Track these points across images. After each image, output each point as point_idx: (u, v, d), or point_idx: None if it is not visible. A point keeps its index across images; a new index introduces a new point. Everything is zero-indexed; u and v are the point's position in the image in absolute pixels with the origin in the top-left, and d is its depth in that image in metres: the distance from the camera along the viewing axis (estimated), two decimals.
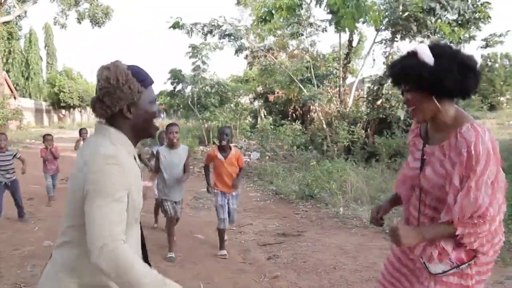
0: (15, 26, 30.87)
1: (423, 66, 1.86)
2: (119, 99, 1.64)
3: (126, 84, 1.64)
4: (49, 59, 49.47)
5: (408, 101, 1.97)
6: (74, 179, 1.63)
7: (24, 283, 4.29)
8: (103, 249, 1.45)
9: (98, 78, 1.67)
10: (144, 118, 1.72)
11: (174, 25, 13.83)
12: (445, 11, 11.71)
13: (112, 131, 1.68)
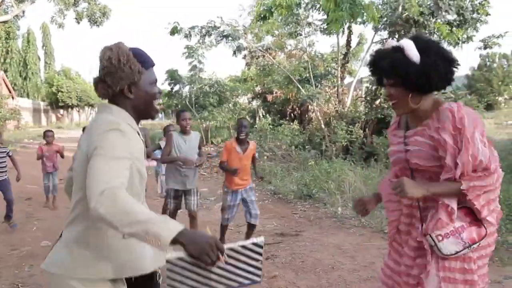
0: (13, 25, 30.83)
1: (410, 63, 1.88)
2: (120, 79, 1.68)
3: (127, 64, 1.68)
4: (47, 59, 49.42)
5: (391, 96, 2.00)
6: (80, 151, 1.67)
7: (22, 283, 4.28)
8: (102, 194, 1.43)
9: (100, 59, 1.71)
10: (144, 99, 1.77)
11: (172, 31, 13.99)
12: (445, 12, 11.74)
13: (114, 108, 1.74)
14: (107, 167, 1.51)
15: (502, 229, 5.41)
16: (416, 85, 1.92)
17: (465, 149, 1.83)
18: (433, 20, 12.06)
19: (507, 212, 5.91)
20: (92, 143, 1.58)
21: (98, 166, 1.51)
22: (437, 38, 12.99)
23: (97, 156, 1.53)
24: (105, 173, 1.49)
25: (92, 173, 1.50)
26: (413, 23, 12.26)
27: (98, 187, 1.45)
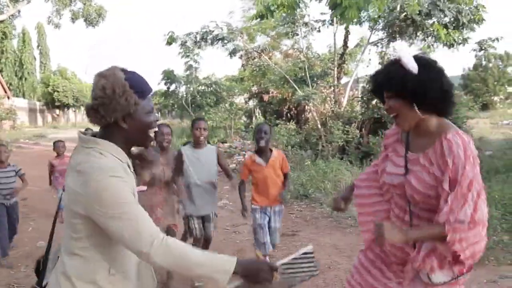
0: (9, 25, 30.72)
1: (406, 73, 1.86)
2: (114, 111, 1.57)
3: (123, 96, 1.57)
4: (42, 59, 49.23)
5: (390, 108, 1.96)
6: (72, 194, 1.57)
7: (18, 284, 4.28)
8: (153, 246, 1.48)
9: (93, 87, 1.60)
10: (139, 129, 1.67)
11: (169, 40, 14.15)
12: (442, 14, 11.77)
13: (100, 142, 1.61)
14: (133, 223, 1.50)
15: (497, 229, 5.44)
16: (412, 96, 1.88)
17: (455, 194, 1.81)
18: (430, 21, 12.09)
19: (502, 212, 5.94)
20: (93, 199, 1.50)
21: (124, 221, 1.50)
22: (433, 39, 13.05)
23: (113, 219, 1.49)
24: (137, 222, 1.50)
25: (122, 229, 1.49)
26: (410, 23, 12.29)
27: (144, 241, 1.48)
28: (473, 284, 4.23)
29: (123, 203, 1.51)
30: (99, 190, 1.49)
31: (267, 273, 1.63)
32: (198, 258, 1.53)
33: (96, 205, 1.50)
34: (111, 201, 1.49)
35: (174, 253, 1.51)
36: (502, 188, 7.16)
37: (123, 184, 1.55)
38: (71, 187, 1.57)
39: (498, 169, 9.80)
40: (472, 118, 18.66)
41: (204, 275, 1.54)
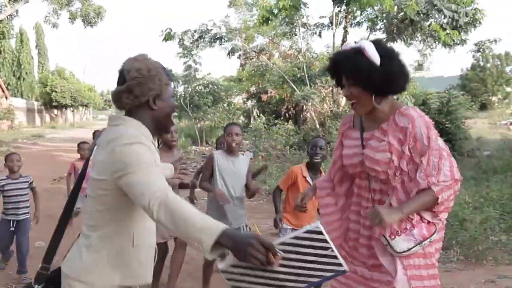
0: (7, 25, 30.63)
1: (372, 66, 1.93)
2: (149, 90, 1.70)
3: (157, 76, 1.71)
4: (40, 59, 49.17)
5: (351, 95, 2.03)
6: (98, 166, 1.68)
7: (16, 284, 4.26)
8: (156, 202, 1.49)
9: (127, 69, 1.71)
10: (166, 111, 1.79)
11: (166, 37, 14.15)
12: (441, 14, 11.79)
13: (129, 120, 1.73)
14: (145, 174, 1.56)
15: (495, 229, 5.44)
16: (378, 87, 1.96)
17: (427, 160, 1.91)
18: (428, 22, 12.10)
19: (500, 212, 5.95)
20: (117, 160, 1.60)
21: (137, 178, 1.55)
22: (432, 40, 13.07)
23: (131, 174, 1.56)
24: (147, 181, 1.54)
25: (135, 186, 1.55)
26: (408, 23, 12.30)
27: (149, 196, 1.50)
28: (472, 284, 4.24)
29: (142, 163, 1.58)
30: (123, 153, 1.59)
31: (257, 250, 1.36)
32: (192, 217, 1.45)
33: (118, 166, 1.59)
34: (131, 161, 1.58)
35: (171, 209, 1.47)
36: (500, 188, 7.17)
37: (146, 149, 1.64)
38: (98, 160, 1.69)
39: (496, 169, 9.83)
40: (470, 118, 18.71)
41: (192, 235, 1.42)
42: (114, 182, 1.62)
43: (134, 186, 1.55)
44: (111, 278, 1.69)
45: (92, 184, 1.72)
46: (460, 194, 6.49)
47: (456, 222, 5.42)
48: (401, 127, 1.95)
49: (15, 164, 4.48)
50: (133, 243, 1.72)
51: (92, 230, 1.71)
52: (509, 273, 4.47)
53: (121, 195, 1.63)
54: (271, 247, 1.39)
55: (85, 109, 58.57)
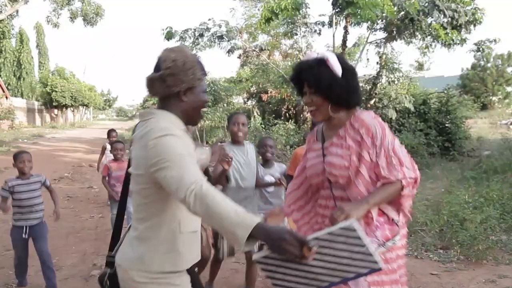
0: (8, 25, 30.63)
1: (334, 77, 2.00)
2: (181, 82, 1.74)
3: (191, 69, 1.75)
4: (41, 59, 49.15)
5: (311, 103, 2.09)
6: (135, 160, 1.76)
7: (16, 284, 4.26)
8: (192, 194, 1.52)
9: (163, 58, 1.75)
10: (196, 105, 1.83)
11: (167, 35, 14.18)
12: (442, 14, 11.79)
13: (161, 113, 1.78)
14: (180, 171, 1.58)
15: (496, 229, 5.44)
16: (337, 98, 2.03)
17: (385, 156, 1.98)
18: (428, 21, 12.10)
19: (500, 212, 5.94)
20: (151, 154, 1.64)
21: (172, 175, 1.58)
22: (432, 39, 13.07)
23: (165, 168, 1.60)
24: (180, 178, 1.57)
25: (170, 178, 1.59)
26: (409, 22, 12.30)
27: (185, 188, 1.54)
28: (472, 283, 4.24)
29: (175, 154, 1.62)
30: (155, 147, 1.63)
31: (292, 245, 1.41)
32: (227, 210, 1.49)
33: (152, 160, 1.63)
34: (164, 155, 1.61)
35: (207, 201, 1.51)
36: (500, 187, 7.16)
37: (179, 140, 1.68)
38: (135, 155, 1.76)
39: (497, 169, 9.81)
40: (470, 118, 18.69)
41: (227, 229, 1.48)
42: (150, 176, 1.67)
43: (169, 181, 1.59)
44: (162, 265, 1.76)
45: (133, 179, 1.81)
46: (460, 194, 6.49)
47: (456, 222, 5.43)
48: (357, 129, 2.02)
49: (25, 165, 3.97)
50: (180, 230, 1.78)
51: (140, 223, 1.79)
52: (509, 273, 4.47)
53: (160, 187, 1.68)
54: (305, 241, 1.43)
55: (86, 109, 58.55)
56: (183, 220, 1.79)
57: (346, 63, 2.08)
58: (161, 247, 1.76)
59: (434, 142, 13.51)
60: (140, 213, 1.80)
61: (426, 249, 5.31)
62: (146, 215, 1.77)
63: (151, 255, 1.75)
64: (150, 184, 1.71)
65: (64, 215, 6.06)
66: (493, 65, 38.62)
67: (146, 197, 1.75)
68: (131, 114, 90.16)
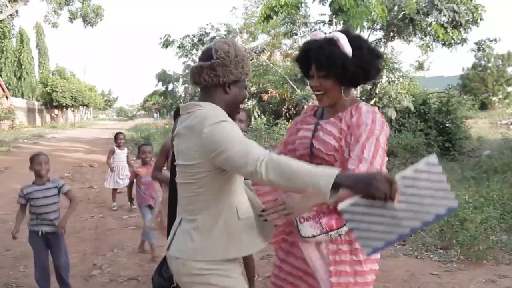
0: (8, 25, 30.64)
1: (346, 57, 1.90)
2: (230, 73, 1.78)
3: (241, 63, 1.80)
4: (41, 59, 49.16)
5: (319, 86, 2.00)
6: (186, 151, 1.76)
7: (17, 284, 4.26)
8: (262, 163, 1.58)
9: (216, 48, 1.78)
10: (237, 99, 1.87)
11: (165, 43, 14.18)
12: (440, 13, 11.79)
13: (205, 103, 1.80)
14: (243, 148, 1.63)
15: (496, 228, 5.44)
16: (350, 78, 1.95)
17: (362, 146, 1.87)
18: (428, 21, 12.09)
19: (501, 212, 5.94)
20: (209, 141, 1.66)
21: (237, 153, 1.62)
22: (432, 39, 13.06)
23: (227, 150, 1.63)
24: (247, 153, 1.62)
25: (236, 162, 1.63)
26: (408, 22, 12.30)
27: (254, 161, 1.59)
28: (472, 283, 4.24)
29: (234, 138, 1.66)
30: (213, 133, 1.66)
31: (383, 184, 1.45)
32: (303, 167, 1.58)
33: (211, 146, 1.66)
34: (223, 139, 1.65)
35: (281, 164, 1.58)
36: (500, 187, 7.16)
37: (233, 125, 1.72)
38: (185, 147, 1.76)
39: (497, 169, 9.81)
40: (471, 118, 18.68)
41: (309, 182, 1.53)
42: (209, 162, 1.69)
43: (234, 159, 1.63)
44: (224, 252, 1.78)
45: (182, 171, 1.81)
46: (460, 193, 6.49)
47: (457, 222, 5.42)
48: (352, 117, 1.95)
49: (42, 167, 3.74)
50: (238, 217, 1.81)
51: (197, 213, 1.79)
52: (509, 273, 4.47)
53: (218, 173, 1.73)
54: (393, 180, 1.48)
55: (86, 109, 58.55)
56: (240, 206, 1.83)
57: (354, 39, 1.96)
58: (222, 234, 1.77)
59: (434, 142, 13.51)
60: (195, 204, 1.80)
61: (426, 249, 5.31)
62: (203, 205, 1.78)
63: (214, 243, 1.76)
64: (208, 172, 1.73)
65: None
66: (494, 65, 38.63)
67: (201, 187, 1.77)
68: (131, 114, 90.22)
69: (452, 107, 14.51)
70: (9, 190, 8.48)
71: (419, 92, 15.60)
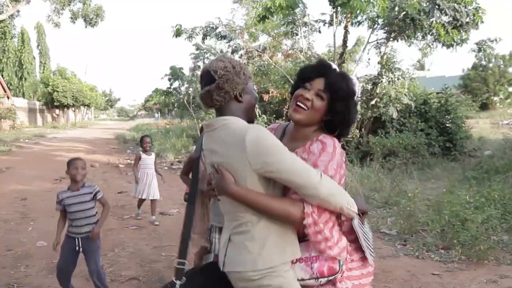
0: (9, 25, 30.69)
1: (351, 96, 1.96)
2: (237, 84, 1.84)
3: (241, 70, 1.87)
4: (42, 59, 49.23)
5: (309, 101, 1.94)
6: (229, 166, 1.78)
7: (18, 284, 4.26)
8: (321, 184, 1.71)
9: (213, 69, 1.84)
10: (251, 103, 1.95)
11: (176, 32, 14.21)
12: (441, 13, 11.77)
13: (228, 118, 1.85)
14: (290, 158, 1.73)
15: (497, 229, 5.44)
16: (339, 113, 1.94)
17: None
18: (430, 21, 12.08)
19: (502, 212, 5.94)
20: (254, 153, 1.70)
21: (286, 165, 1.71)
22: (433, 39, 13.05)
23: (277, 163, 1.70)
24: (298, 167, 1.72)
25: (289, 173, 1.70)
26: (410, 22, 12.28)
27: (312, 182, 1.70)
28: (473, 283, 4.24)
29: (281, 148, 1.73)
30: (259, 141, 1.71)
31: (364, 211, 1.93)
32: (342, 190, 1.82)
33: (261, 157, 1.71)
34: (273, 147, 1.72)
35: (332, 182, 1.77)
36: (502, 188, 7.16)
37: (270, 133, 1.78)
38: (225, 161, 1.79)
39: (498, 169, 9.80)
40: (472, 118, 18.66)
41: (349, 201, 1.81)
42: (257, 174, 1.74)
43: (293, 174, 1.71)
44: (282, 256, 1.80)
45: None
46: (461, 194, 6.49)
47: (458, 222, 5.42)
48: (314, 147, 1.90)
49: (79, 172, 3.71)
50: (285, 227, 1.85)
51: (249, 225, 1.81)
52: (511, 273, 4.47)
53: (264, 182, 1.77)
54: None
55: (87, 109, 58.59)
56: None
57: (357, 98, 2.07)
58: (278, 240, 1.81)
59: (435, 142, 13.49)
60: (245, 217, 1.82)
61: (427, 249, 5.31)
62: (254, 216, 1.80)
63: (270, 250, 1.79)
64: (255, 184, 1.76)
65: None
66: (495, 65, 38.60)
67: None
68: (132, 114, 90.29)
69: (451, 107, 14.49)
70: (10, 190, 8.50)
71: (420, 92, 15.59)
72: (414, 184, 7.89)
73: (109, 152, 17.20)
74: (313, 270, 1.83)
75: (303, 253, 1.85)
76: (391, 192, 7.98)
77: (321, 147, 1.88)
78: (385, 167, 10.65)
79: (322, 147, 1.88)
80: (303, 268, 1.84)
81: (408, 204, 6.53)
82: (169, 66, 20.09)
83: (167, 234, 5.94)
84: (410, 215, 6.27)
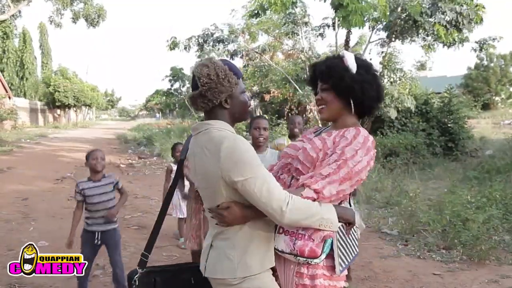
0: (11, 25, 30.73)
1: (347, 70, 1.94)
2: (220, 93, 1.82)
3: (226, 78, 1.82)
4: (44, 59, 49.26)
5: (320, 100, 2.03)
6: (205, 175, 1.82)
7: (19, 284, 4.27)
8: (286, 211, 1.67)
9: (197, 76, 1.83)
10: (239, 107, 1.91)
11: (171, 45, 14.26)
12: (442, 14, 11.77)
13: (213, 122, 1.86)
14: (262, 177, 1.70)
15: (498, 229, 5.43)
16: (346, 92, 1.95)
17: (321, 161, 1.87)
18: (431, 21, 12.07)
19: (503, 212, 5.93)
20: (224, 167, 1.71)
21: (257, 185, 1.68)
22: (434, 39, 13.05)
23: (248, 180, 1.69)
24: (269, 190, 1.69)
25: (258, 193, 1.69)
26: (412, 23, 12.28)
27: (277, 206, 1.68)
28: (474, 283, 4.23)
29: (256, 165, 1.72)
30: (233, 153, 1.71)
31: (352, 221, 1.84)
32: (314, 205, 1.73)
33: (233, 169, 1.70)
34: (245, 161, 1.70)
35: (301, 207, 1.70)
36: (503, 187, 7.15)
37: (249, 146, 1.77)
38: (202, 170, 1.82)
39: (499, 169, 9.80)
40: (473, 118, 18.64)
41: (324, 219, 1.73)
42: (232, 185, 1.74)
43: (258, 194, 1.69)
44: (262, 265, 1.83)
45: (207, 195, 1.87)
46: (463, 193, 6.48)
47: (459, 222, 5.42)
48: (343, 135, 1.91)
49: (98, 162, 3.67)
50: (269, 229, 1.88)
51: (231, 233, 1.84)
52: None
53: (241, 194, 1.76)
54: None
55: (88, 109, 58.65)
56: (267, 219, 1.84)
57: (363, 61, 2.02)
58: (259, 249, 1.83)
59: (437, 142, 13.48)
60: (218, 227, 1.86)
61: (428, 249, 5.30)
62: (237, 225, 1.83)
63: (250, 258, 1.81)
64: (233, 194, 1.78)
65: (66, 214, 6.08)
66: (496, 65, 38.55)
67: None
68: (133, 114, 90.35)
69: (453, 107, 14.49)
70: (11, 190, 8.51)
71: (421, 92, 15.58)
72: (415, 184, 7.89)
73: (110, 152, 17.20)
74: (294, 246, 1.82)
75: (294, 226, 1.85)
76: (392, 192, 7.98)
77: (354, 132, 1.90)
78: (386, 167, 10.65)
79: (355, 133, 1.90)
80: (286, 241, 1.85)
81: (409, 204, 6.53)
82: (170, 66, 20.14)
83: (168, 234, 5.94)
84: (411, 215, 6.26)
